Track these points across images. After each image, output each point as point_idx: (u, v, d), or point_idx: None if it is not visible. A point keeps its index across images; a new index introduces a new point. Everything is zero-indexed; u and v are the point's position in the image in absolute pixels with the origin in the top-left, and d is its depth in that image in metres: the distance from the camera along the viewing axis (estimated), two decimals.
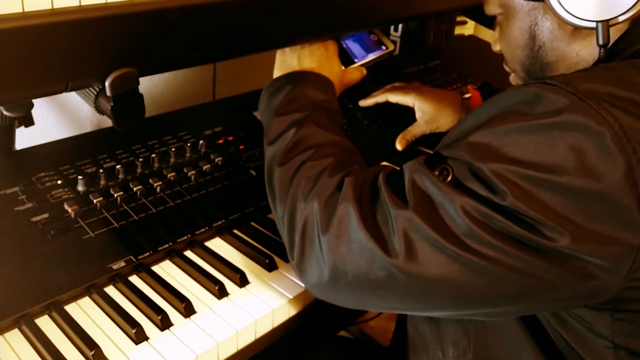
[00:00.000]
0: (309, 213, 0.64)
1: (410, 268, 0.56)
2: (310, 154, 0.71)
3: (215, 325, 0.70)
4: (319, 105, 0.79)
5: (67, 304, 0.71)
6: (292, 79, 0.83)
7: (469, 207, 0.54)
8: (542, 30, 0.68)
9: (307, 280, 0.65)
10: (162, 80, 1.26)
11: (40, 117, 1.09)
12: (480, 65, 1.54)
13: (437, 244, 0.55)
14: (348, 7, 0.88)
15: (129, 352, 0.66)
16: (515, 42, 0.72)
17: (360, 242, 0.59)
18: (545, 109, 0.54)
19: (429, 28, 1.55)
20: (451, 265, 0.55)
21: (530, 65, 0.72)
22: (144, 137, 0.95)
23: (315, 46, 0.89)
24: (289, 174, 0.71)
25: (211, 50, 0.76)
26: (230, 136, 1.01)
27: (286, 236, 0.68)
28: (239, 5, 0.73)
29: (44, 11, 0.57)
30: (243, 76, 1.38)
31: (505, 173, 0.53)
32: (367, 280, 0.59)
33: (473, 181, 0.55)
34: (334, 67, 0.91)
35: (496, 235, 0.53)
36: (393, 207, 0.58)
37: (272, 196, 0.74)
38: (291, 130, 0.75)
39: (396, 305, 0.62)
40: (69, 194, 0.82)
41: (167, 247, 0.79)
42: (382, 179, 0.62)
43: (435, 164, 0.59)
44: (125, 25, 0.63)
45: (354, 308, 0.66)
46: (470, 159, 0.55)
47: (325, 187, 0.65)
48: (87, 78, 0.65)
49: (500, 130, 0.55)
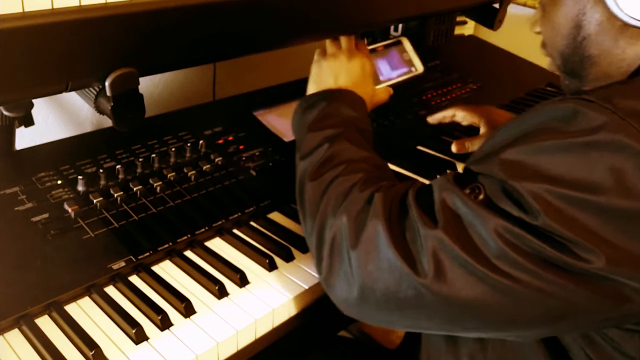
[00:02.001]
0: (338, 228, 0.63)
1: (439, 288, 0.55)
2: (342, 170, 0.71)
3: (215, 325, 0.70)
4: (351, 122, 0.79)
5: (67, 304, 0.71)
6: (327, 96, 0.83)
7: (501, 229, 0.52)
8: (589, 22, 0.64)
9: (334, 295, 0.64)
10: (162, 80, 1.26)
11: (40, 117, 1.09)
12: (480, 65, 1.54)
13: (467, 265, 0.53)
14: (348, 7, 0.88)
15: (129, 352, 0.66)
16: (557, 29, 0.67)
17: (389, 260, 0.58)
18: (582, 126, 0.52)
19: (429, 28, 1.55)
20: (481, 287, 0.53)
21: (569, 55, 0.68)
22: (144, 137, 0.95)
23: (353, 65, 0.89)
24: (320, 189, 0.70)
25: (211, 50, 0.76)
26: (230, 136, 1.01)
27: (315, 251, 0.67)
28: (239, 5, 0.73)
29: (44, 11, 0.57)
30: (243, 76, 1.38)
31: (539, 192, 0.51)
32: (396, 299, 0.58)
33: (505, 201, 0.53)
34: (367, 87, 0.91)
35: (528, 257, 0.52)
36: (422, 226, 0.57)
37: (302, 210, 0.73)
38: (324, 145, 0.75)
39: (424, 324, 0.61)
40: (69, 194, 0.82)
41: (167, 247, 0.79)
42: (411, 196, 0.61)
43: (466, 181, 0.57)
44: (125, 25, 0.63)
45: (380, 325, 0.66)
46: (504, 176, 0.54)
47: (355, 202, 0.64)
48: (87, 78, 0.65)
49: (534, 147, 0.54)
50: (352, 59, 0.90)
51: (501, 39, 1.65)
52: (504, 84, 1.47)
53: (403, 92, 1.29)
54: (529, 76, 1.53)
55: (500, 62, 1.59)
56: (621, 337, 0.58)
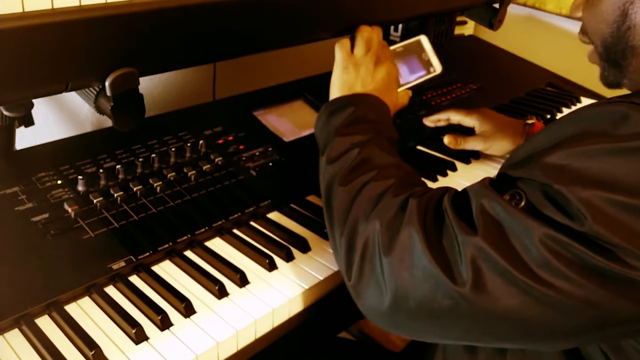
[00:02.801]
0: (370, 233, 0.62)
1: (477, 298, 0.53)
2: (373, 175, 0.70)
3: (215, 325, 0.70)
4: (379, 129, 0.79)
5: (67, 304, 0.71)
6: (354, 102, 0.82)
7: (545, 236, 0.51)
8: (636, 11, 0.61)
9: (363, 304, 0.62)
10: (162, 80, 1.26)
11: (40, 117, 1.09)
12: (480, 65, 1.54)
13: (508, 275, 0.52)
14: (348, 7, 0.88)
15: (129, 352, 0.66)
16: (602, 16, 0.65)
17: (424, 267, 0.56)
18: (632, 130, 0.50)
19: (429, 28, 1.56)
20: (522, 297, 0.52)
21: (612, 44, 0.65)
22: (144, 137, 0.95)
23: (379, 71, 0.87)
24: (351, 195, 0.69)
25: (211, 50, 0.76)
26: (230, 136, 1.01)
27: (343, 256, 0.65)
28: (239, 5, 0.73)
29: (44, 11, 0.57)
30: (243, 76, 1.39)
31: (588, 197, 0.49)
32: (430, 309, 0.56)
33: (549, 207, 0.52)
34: (392, 93, 0.89)
35: (572, 265, 0.50)
36: (460, 233, 0.55)
37: (329, 215, 0.72)
38: (354, 150, 0.74)
39: (458, 335, 0.59)
40: (69, 194, 0.82)
41: (167, 247, 0.79)
42: (447, 202, 0.59)
43: (505, 187, 0.56)
44: (125, 25, 0.63)
45: (410, 337, 0.63)
46: (548, 180, 0.52)
47: (388, 208, 0.63)
48: (87, 78, 0.65)
49: (581, 151, 0.52)
50: (380, 64, 0.88)
51: (501, 39, 1.65)
52: (504, 84, 1.47)
53: None
54: (529, 76, 1.53)
55: (500, 62, 1.59)
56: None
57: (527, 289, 0.51)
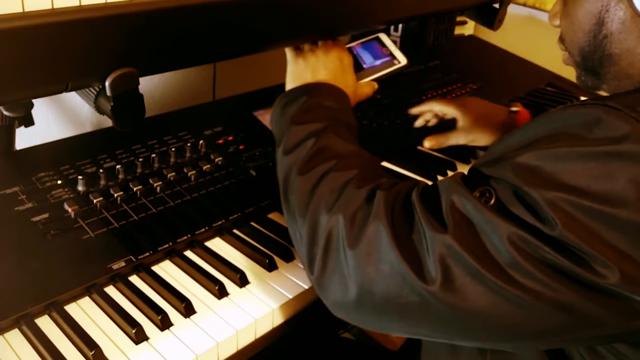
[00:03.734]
0: (333, 226, 0.60)
1: (446, 297, 0.52)
2: (333, 164, 0.68)
3: (215, 325, 0.70)
4: (335, 115, 0.77)
5: (67, 304, 0.71)
6: (307, 90, 0.80)
7: (514, 236, 0.50)
8: (612, 19, 0.61)
9: (327, 297, 0.61)
10: (162, 80, 1.26)
11: (40, 117, 1.09)
12: (480, 65, 1.54)
13: (478, 275, 0.51)
14: (348, 7, 0.88)
15: (129, 352, 0.66)
16: (578, 25, 0.65)
17: (391, 263, 0.55)
18: (605, 134, 0.50)
19: (429, 28, 1.56)
20: (491, 297, 0.51)
21: (589, 52, 0.65)
22: (144, 137, 0.95)
23: (330, 58, 0.86)
24: (311, 184, 0.67)
25: (211, 50, 0.76)
26: (230, 136, 1.01)
27: (305, 249, 0.64)
28: (239, 5, 0.73)
29: (44, 11, 0.57)
30: (243, 76, 1.38)
31: (557, 201, 0.49)
32: (397, 304, 0.55)
33: (519, 207, 0.51)
34: (349, 81, 0.88)
35: (541, 267, 0.50)
36: (429, 229, 0.54)
37: (288, 206, 0.70)
38: (310, 139, 0.72)
39: (423, 331, 0.59)
40: (69, 194, 0.82)
41: (167, 247, 0.79)
42: (416, 197, 0.58)
43: (475, 184, 0.55)
44: (125, 25, 0.63)
45: (375, 330, 0.62)
46: (518, 182, 0.51)
47: (352, 200, 0.61)
48: (87, 78, 0.65)
49: (553, 153, 0.51)
50: (329, 52, 0.86)
51: (501, 39, 1.65)
52: (504, 84, 1.47)
53: (403, 93, 1.29)
54: (529, 76, 1.53)
55: (500, 62, 1.59)
56: (628, 350, 0.56)
57: (497, 288, 0.51)
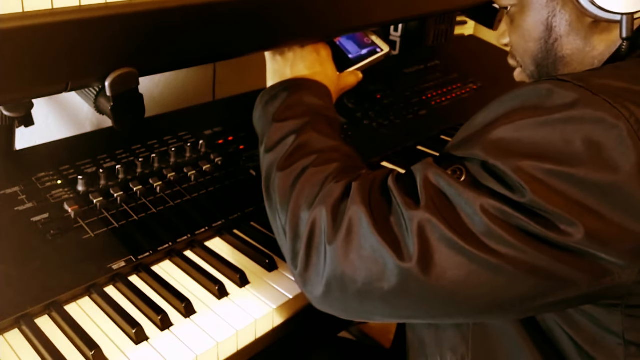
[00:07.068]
0: (315, 220, 0.61)
1: (424, 272, 0.54)
2: (313, 160, 0.69)
3: (215, 325, 0.70)
4: (316, 111, 0.77)
5: (67, 304, 0.71)
6: (287, 87, 0.81)
7: (488, 206, 0.53)
8: (559, 23, 0.66)
9: (311, 292, 0.62)
10: (162, 80, 1.26)
11: (40, 117, 1.09)
12: (480, 65, 1.54)
13: (455, 245, 0.53)
14: (348, 7, 0.88)
15: (129, 352, 0.66)
16: (529, 35, 0.69)
17: (372, 246, 0.56)
18: (558, 102, 0.54)
19: (429, 28, 1.55)
20: (469, 266, 0.53)
21: (542, 59, 0.69)
22: (144, 137, 0.95)
23: (307, 51, 0.86)
24: (290, 180, 0.68)
25: (211, 50, 0.76)
26: (230, 136, 1.01)
27: (288, 245, 0.65)
28: (239, 5, 0.73)
29: (44, 11, 0.57)
30: (243, 76, 1.38)
31: (523, 168, 0.52)
32: (379, 288, 0.57)
33: (489, 179, 0.54)
34: (329, 72, 0.88)
35: (514, 233, 0.52)
36: (406, 208, 0.56)
37: (270, 203, 0.71)
38: (291, 136, 0.73)
39: (407, 313, 0.60)
40: (69, 194, 0.82)
41: (167, 247, 0.79)
42: (391, 181, 0.60)
43: (447, 164, 0.58)
44: (126, 25, 0.63)
45: (358, 319, 0.63)
46: (486, 156, 0.54)
47: (332, 193, 0.62)
48: (87, 78, 0.65)
49: (513, 126, 0.55)
50: (305, 46, 0.86)
51: None
52: (504, 84, 1.47)
53: (403, 93, 1.29)
54: None
55: (500, 62, 1.59)
56: (602, 314, 0.59)
57: (473, 257, 0.53)
